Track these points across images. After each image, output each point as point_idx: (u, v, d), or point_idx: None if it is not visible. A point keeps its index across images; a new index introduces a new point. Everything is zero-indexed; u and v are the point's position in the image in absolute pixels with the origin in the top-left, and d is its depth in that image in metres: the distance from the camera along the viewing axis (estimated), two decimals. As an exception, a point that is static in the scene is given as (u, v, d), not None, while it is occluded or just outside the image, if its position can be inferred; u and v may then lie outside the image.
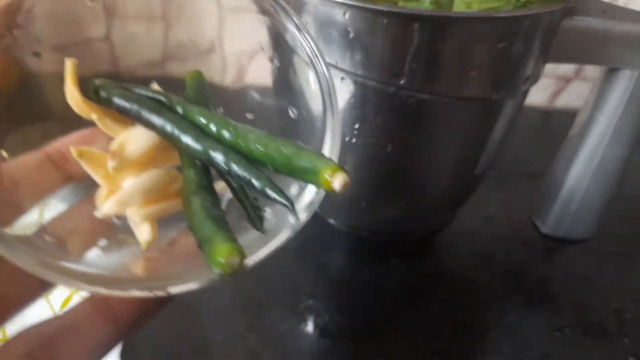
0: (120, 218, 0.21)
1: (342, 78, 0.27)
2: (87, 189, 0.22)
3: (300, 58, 0.22)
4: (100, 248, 0.21)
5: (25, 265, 0.16)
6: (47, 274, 0.16)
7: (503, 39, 0.25)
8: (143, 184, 0.21)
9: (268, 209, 0.21)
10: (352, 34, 0.25)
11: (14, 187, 0.20)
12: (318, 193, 0.20)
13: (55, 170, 0.21)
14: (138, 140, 0.21)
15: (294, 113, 0.24)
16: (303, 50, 0.21)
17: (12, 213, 0.19)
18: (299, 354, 0.32)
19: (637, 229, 0.43)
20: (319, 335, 0.33)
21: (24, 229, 0.19)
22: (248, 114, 0.25)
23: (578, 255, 0.40)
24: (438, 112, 0.28)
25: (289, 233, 0.19)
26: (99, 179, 0.22)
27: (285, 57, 0.24)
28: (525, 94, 0.31)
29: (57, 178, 0.21)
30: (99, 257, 0.21)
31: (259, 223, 0.20)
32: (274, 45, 0.26)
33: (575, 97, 0.58)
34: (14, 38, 0.20)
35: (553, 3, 0.26)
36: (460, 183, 0.35)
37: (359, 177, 0.32)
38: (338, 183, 0.18)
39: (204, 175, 0.20)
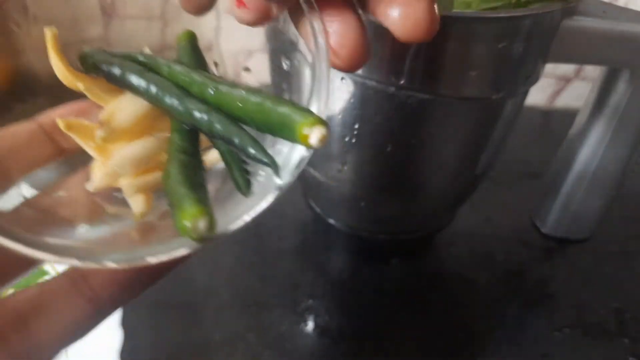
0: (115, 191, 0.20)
1: (342, 78, 0.27)
2: (83, 164, 0.21)
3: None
4: (88, 222, 0.20)
5: None
6: (14, 245, 0.15)
7: (503, 39, 0.25)
8: (132, 153, 0.20)
9: (262, 173, 0.20)
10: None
11: (3, 156, 0.19)
12: (307, 151, 0.18)
13: (48, 142, 0.20)
14: (128, 108, 0.20)
15: (287, 64, 0.23)
16: None
17: None
18: (299, 354, 0.32)
19: (637, 229, 0.43)
20: (319, 335, 0.33)
21: (4, 203, 0.18)
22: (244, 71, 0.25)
23: (578, 255, 0.40)
24: (438, 112, 0.28)
25: (272, 196, 0.18)
26: (92, 152, 0.20)
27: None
28: (525, 94, 0.31)
29: (49, 150, 0.20)
30: (87, 230, 0.20)
31: (245, 186, 0.19)
32: None
33: (575, 97, 0.58)
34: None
35: (553, 3, 0.26)
36: (460, 183, 0.35)
37: (359, 177, 0.32)
38: (315, 138, 0.16)
39: (189, 140, 0.19)
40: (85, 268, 0.17)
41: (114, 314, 0.28)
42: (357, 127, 0.29)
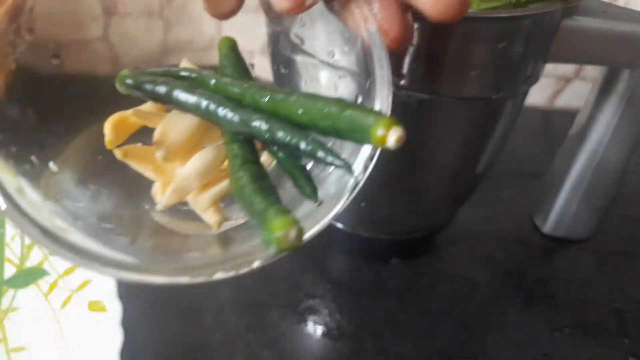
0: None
1: (339, 77, 0.27)
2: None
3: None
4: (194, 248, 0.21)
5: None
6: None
7: (503, 39, 0.25)
8: (196, 166, 0.20)
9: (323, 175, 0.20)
10: (350, 34, 0.25)
11: None
12: (373, 149, 0.19)
13: None
14: (178, 125, 0.21)
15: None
16: None
17: None
18: (299, 354, 0.32)
19: (637, 229, 0.43)
20: (319, 335, 0.33)
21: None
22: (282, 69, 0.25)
23: (578, 255, 0.40)
24: (438, 112, 0.28)
25: (345, 197, 0.18)
26: (150, 174, 0.21)
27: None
28: (526, 94, 0.31)
29: None
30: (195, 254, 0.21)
31: (312, 192, 0.18)
32: None
33: (575, 97, 0.58)
34: (27, 42, 0.20)
35: (553, 3, 0.26)
36: (461, 183, 0.35)
37: (359, 177, 0.32)
38: (393, 139, 0.16)
39: (248, 149, 0.19)
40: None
41: (115, 314, 0.28)
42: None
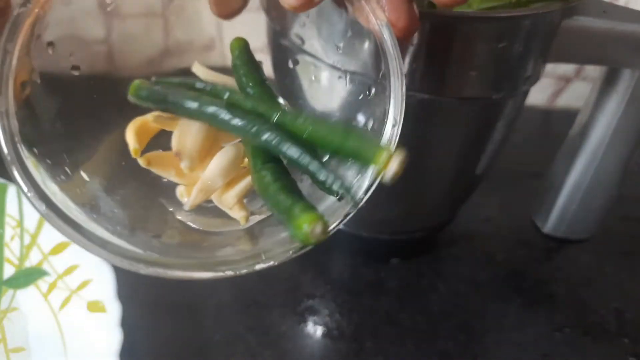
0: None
1: (339, 77, 0.27)
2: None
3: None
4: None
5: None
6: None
7: (503, 39, 0.25)
8: (219, 166, 0.21)
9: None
10: (350, 34, 0.25)
11: None
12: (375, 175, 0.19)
13: None
14: (192, 130, 0.21)
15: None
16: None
17: None
18: (299, 354, 0.32)
19: (637, 229, 0.43)
20: (319, 335, 0.33)
21: None
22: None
23: (578, 255, 0.40)
24: (438, 112, 0.28)
25: (346, 213, 0.18)
26: (174, 178, 0.22)
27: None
28: (526, 94, 0.31)
29: None
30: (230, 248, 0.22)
31: (334, 189, 0.18)
32: None
33: (576, 97, 0.58)
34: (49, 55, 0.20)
35: (553, 3, 0.26)
36: (461, 183, 0.35)
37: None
38: (392, 171, 0.16)
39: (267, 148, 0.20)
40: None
41: (114, 314, 0.28)
42: (357, 126, 0.29)
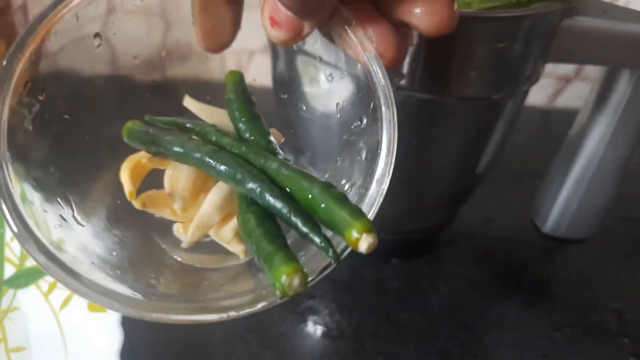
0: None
1: (340, 77, 0.27)
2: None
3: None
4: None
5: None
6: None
7: (503, 39, 0.25)
8: (214, 202, 0.21)
9: None
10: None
11: None
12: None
13: None
14: (183, 170, 0.22)
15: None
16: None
17: None
18: (299, 354, 0.32)
19: (637, 229, 0.43)
20: (319, 336, 0.33)
21: None
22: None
23: (578, 256, 0.40)
24: (438, 112, 0.28)
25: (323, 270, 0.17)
26: (170, 216, 0.22)
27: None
28: (526, 94, 0.31)
29: None
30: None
31: (325, 248, 0.17)
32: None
33: (576, 97, 0.58)
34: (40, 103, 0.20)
35: (553, 3, 0.26)
36: (461, 183, 0.35)
37: (359, 177, 0.32)
38: (364, 246, 0.16)
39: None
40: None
41: (115, 314, 0.28)
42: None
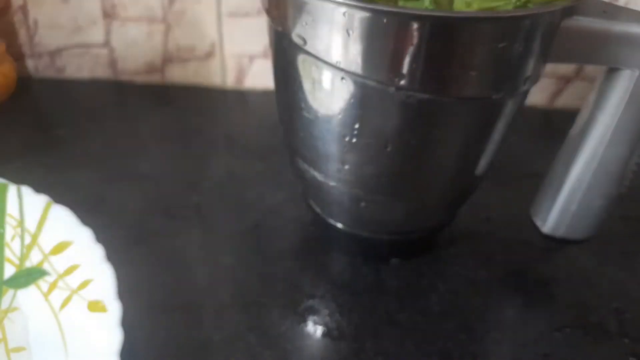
0: None
1: (342, 78, 0.27)
2: None
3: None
4: None
5: None
6: None
7: (503, 39, 0.25)
8: None
9: None
10: (352, 34, 0.25)
11: None
12: None
13: None
14: None
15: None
16: None
17: None
18: (299, 354, 0.32)
19: (636, 229, 0.43)
20: (319, 335, 0.33)
21: None
22: None
23: (578, 255, 0.40)
24: (438, 112, 0.28)
25: None
26: None
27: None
28: (526, 94, 0.31)
29: None
30: None
31: None
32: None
33: (576, 97, 0.58)
34: None
35: (553, 3, 0.26)
36: (460, 183, 0.35)
37: (359, 177, 0.32)
38: None
39: None
40: None
41: (115, 314, 0.28)
42: (357, 127, 0.29)
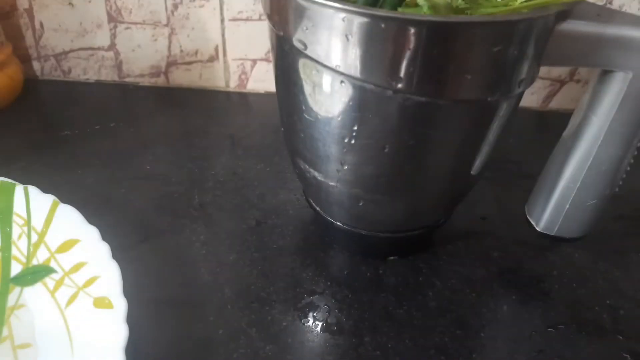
0: None
1: (341, 81, 0.28)
2: None
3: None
4: None
5: None
6: None
7: (498, 43, 0.25)
8: None
9: None
10: (351, 39, 0.25)
11: None
12: None
13: None
14: None
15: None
16: None
17: None
18: (300, 349, 0.33)
19: (629, 228, 0.44)
20: (319, 331, 0.34)
21: None
22: None
23: (572, 253, 0.41)
24: (434, 114, 0.28)
25: None
26: None
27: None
28: (521, 96, 0.31)
29: None
30: None
31: None
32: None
33: (570, 98, 0.58)
34: None
35: (547, 7, 0.26)
36: (457, 183, 0.35)
37: (358, 177, 0.33)
38: None
39: None
40: None
41: (120, 310, 0.28)
42: (355, 128, 0.29)
